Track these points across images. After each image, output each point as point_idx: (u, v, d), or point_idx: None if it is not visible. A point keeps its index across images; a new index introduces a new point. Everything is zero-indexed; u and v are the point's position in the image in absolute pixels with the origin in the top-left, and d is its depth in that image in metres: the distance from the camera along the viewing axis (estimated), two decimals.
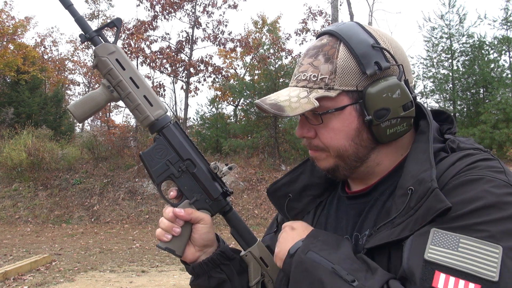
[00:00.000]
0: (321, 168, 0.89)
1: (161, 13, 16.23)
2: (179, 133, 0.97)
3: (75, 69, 27.05)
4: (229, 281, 0.99)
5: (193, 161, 0.97)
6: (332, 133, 0.84)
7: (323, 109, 0.82)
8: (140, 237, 10.25)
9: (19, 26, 20.67)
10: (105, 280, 6.30)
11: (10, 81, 19.33)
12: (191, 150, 0.97)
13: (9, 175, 13.24)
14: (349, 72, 0.81)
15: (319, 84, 0.82)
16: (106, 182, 13.29)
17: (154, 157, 0.96)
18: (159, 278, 6.41)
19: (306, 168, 1.04)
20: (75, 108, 0.93)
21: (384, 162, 0.87)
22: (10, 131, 14.71)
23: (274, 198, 1.04)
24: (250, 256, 1.00)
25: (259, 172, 13.70)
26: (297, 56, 17.00)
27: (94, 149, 14.33)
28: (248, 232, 1.02)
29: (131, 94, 0.94)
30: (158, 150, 0.96)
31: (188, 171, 0.97)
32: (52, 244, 9.32)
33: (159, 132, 0.96)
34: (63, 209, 12.38)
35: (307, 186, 1.02)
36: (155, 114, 0.95)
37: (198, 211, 0.96)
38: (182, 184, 0.97)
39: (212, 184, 0.97)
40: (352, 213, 0.90)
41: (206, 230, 0.97)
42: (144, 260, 7.76)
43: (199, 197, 0.97)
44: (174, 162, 0.96)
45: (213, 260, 0.98)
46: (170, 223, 0.95)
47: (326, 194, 1.02)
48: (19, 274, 6.30)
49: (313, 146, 0.88)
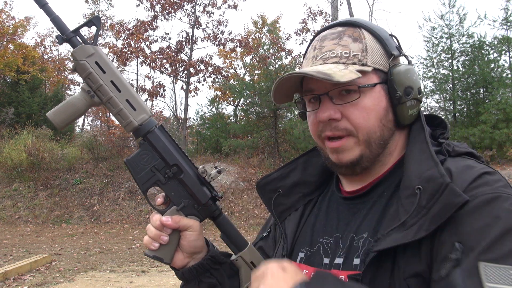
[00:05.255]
0: (343, 161, 0.84)
1: (161, 13, 16.23)
2: (164, 137, 0.93)
3: None
4: (220, 285, 0.98)
5: (180, 166, 0.93)
6: (364, 112, 0.81)
7: (358, 84, 0.80)
8: (140, 237, 10.25)
9: (19, 26, 20.66)
10: (105, 280, 6.30)
11: (10, 81, 19.33)
12: (178, 155, 0.94)
13: (9, 175, 13.24)
14: (377, 52, 0.84)
15: (353, 60, 0.81)
16: (106, 182, 13.29)
17: (139, 164, 0.92)
18: (159, 278, 6.40)
19: (298, 165, 1.03)
20: (55, 116, 0.89)
21: (393, 154, 0.86)
22: (10, 131, 14.71)
23: (263, 192, 1.03)
24: (240, 260, 0.97)
25: (259, 172, 13.70)
26: (297, 56, 17.00)
27: (94, 149, 14.33)
28: (238, 236, 0.99)
29: (112, 99, 0.89)
30: (143, 156, 0.92)
31: (175, 177, 0.93)
32: (52, 244, 9.32)
33: (144, 137, 0.92)
34: (63, 209, 12.38)
35: (298, 183, 1.01)
36: (139, 119, 0.90)
37: (186, 218, 0.94)
38: (169, 191, 0.94)
39: (201, 189, 0.94)
40: (346, 214, 0.89)
41: (195, 237, 0.95)
42: (144, 260, 7.76)
43: (187, 203, 0.94)
44: (160, 168, 0.92)
45: (203, 266, 0.96)
46: (158, 232, 0.93)
47: (317, 193, 1.01)
48: (19, 274, 6.30)
49: (340, 129, 0.82)
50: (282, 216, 1.00)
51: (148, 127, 0.92)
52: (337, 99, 0.83)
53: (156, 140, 0.92)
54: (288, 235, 0.97)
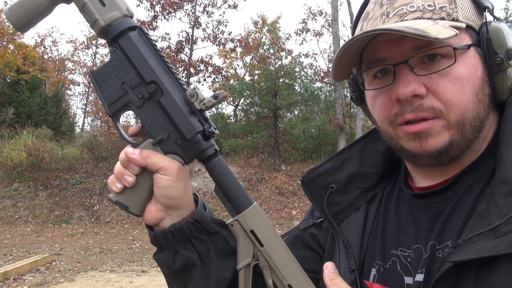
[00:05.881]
0: (428, 150, 0.64)
1: (161, 13, 16.24)
2: (143, 44, 0.72)
3: (75, 69, 27.09)
4: (201, 263, 0.74)
5: (160, 84, 0.70)
6: (458, 84, 0.62)
7: (452, 45, 0.62)
8: (140, 237, 10.25)
9: None
10: (105, 280, 6.30)
11: (10, 81, 19.33)
12: (159, 69, 0.71)
13: (9, 175, 13.24)
14: (466, 4, 0.66)
15: (440, 14, 0.63)
16: (106, 182, 13.25)
17: (106, 78, 0.71)
18: (159, 278, 6.40)
19: (353, 154, 0.82)
20: (10, 13, 0.71)
21: (487, 138, 0.68)
22: (10, 131, 14.71)
23: (311, 190, 0.81)
24: (237, 226, 0.72)
25: (259, 172, 13.70)
26: (297, 56, 17.02)
27: (94, 149, 14.33)
28: (238, 191, 0.73)
29: None
30: (112, 68, 0.71)
31: (153, 98, 0.71)
32: (52, 244, 9.32)
33: (114, 42, 0.71)
34: (63, 209, 12.38)
35: (356, 176, 0.80)
36: (107, 17, 0.69)
37: (158, 155, 0.71)
38: (144, 117, 0.72)
39: (186, 119, 0.70)
40: (425, 217, 0.69)
41: (169, 183, 0.70)
42: (144, 260, 7.76)
43: (166, 136, 0.71)
44: (134, 85, 0.71)
45: (182, 231, 0.72)
46: (122, 168, 0.72)
47: (380, 187, 0.80)
48: (19, 274, 6.30)
49: (425, 108, 0.63)
50: (337, 218, 0.79)
51: (119, 28, 0.70)
52: (419, 69, 0.64)
53: (129, 47, 0.70)
54: (352, 243, 0.75)
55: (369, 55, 0.68)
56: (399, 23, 0.63)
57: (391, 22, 0.65)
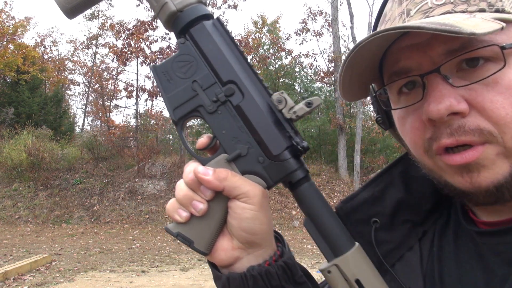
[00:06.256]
0: (481, 186, 0.49)
1: None
2: (220, 36, 0.59)
3: (75, 69, 27.09)
4: None
5: (240, 85, 0.57)
6: (511, 95, 0.47)
7: (498, 43, 0.47)
8: (140, 237, 10.26)
9: (19, 26, 20.68)
10: (105, 280, 6.30)
11: (10, 81, 19.34)
12: (239, 67, 0.58)
13: (9, 175, 13.25)
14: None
15: (478, 5, 0.49)
16: (106, 182, 13.29)
17: (173, 75, 0.58)
18: (159, 278, 6.41)
19: (395, 178, 0.66)
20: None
21: None
22: (10, 131, 14.72)
23: (349, 225, 0.61)
24: (336, 273, 0.54)
25: None
26: (297, 56, 17.02)
27: (94, 149, 14.34)
28: (337, 227, 0.56)
29: None
30: (181, 63, 0.58)
31: (230, 102, 0.57)
32: (52, 244, 9.33)
33: (185, 33, 0.58)
34: (63, 209, 12.39)
35: (402, 205, 0.64)
36: (179, 1, 0.57)
37: (240, 177, 0.55)
38: (217, 126, 0.57)
39: (273, 130, 0.56)
40: (496, 261, 0.53)
41: (252, 214, 0.54)
42: (144, 260, 7.76)
43: (246, 151, 0.56)
44: (207, 85, 0.57)
45: (269, 276, 0.54)
46: (189, 192, 0.55)
47: (430, 220, 0.64)
48: (19, 274, 6.30)
49: (469, 130, 0.48)
50: (387, 261, 0.63)
51: (192, 15, 0.58)
52: (456, 79, 0.49)
53: (204, 38, 0.58)
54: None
55: (390, 65, 0.55)
56: (420, 20, 0.50)
57: (419, 17, 0.52)
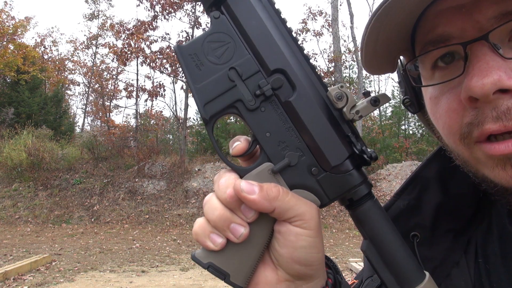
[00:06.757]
0: None
1: (161, 13, 16.25)
2: (264, 11, 0.46)
3: (75, 69, 27.09)
4: None
5: (292, 75, 0.45)
6: None
7: None
8: (140, 237, 10.26)
9: (19, 26, 20.68)
10: (105, 280, 6.31)
11: (10, 81, 19.34)
12: (290, 52, 0.46)
13: (9, 175, 13.25)
14: None
15: None
16: (106, 182, 13.30)
17: (204, 59, 0.45)
18: (159, 278, 6.41)
19: (431, 181, 0.56)
20: None
21: None
22: (10, 131, 14.72)
23: None
24: None
25: None
26: None
27: (94, 149, 14.34)
28: (406, 257, 0.45)
29: None
30: (213, 44, 0.45)
31: (277, 98, 0.45)
32: (52, 244, 9.33)
33: (220, 4, 0.46)
34: (63, 209, 12.39)
35: (441, 211, 0.55)
36: None
37: (293, 195, 0.44)
38: (259, 127, 0.45)
39: (332, 134, 0.45)
40: None
41: (308, 241, 0.43)
42: (144, 260, 7.76)
43: (296, 160, 0.45)
44: (248, 74, 0.45)
45: None
46: (227, 212, 0.44)
47: (472, 228, 0.55)
48: (19, 274, 6.30)
49: None
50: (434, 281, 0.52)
51: None
52: (507, 49, 0.41)
53: (245, 12, 0.45)
54: None
55: (425, 32, 0.45)
56: None
57: None
